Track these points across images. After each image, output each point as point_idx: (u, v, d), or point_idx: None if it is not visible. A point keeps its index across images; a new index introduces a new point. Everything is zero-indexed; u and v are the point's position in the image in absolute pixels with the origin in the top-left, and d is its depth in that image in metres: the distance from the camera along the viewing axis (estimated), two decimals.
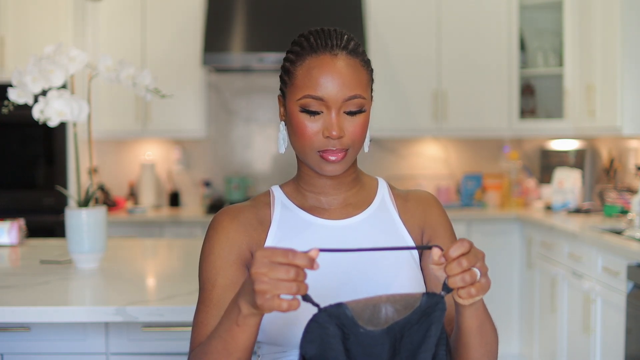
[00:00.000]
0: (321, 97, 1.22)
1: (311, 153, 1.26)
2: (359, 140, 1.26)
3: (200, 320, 1.26)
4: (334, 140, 1.23)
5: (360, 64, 1.26)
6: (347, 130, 1.24)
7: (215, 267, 1.27)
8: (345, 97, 1.22)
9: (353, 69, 1.24)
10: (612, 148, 4.39)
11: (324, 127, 1.23)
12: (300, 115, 1.24)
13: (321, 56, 1.24)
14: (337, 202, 1.33)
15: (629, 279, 2.96)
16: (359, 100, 1.24)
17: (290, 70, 1.26)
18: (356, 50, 1.26)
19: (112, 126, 4.57)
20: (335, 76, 1.22)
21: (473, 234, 4.39)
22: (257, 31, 4.45)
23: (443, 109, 4.64)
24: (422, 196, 1.38)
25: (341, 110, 1.23)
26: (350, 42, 1.27)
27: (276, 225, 1.30)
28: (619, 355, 3.01)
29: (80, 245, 2.41)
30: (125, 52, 4.44)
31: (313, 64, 1.24)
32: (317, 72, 1.23)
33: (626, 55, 3.69)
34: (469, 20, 4.63)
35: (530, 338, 4.23)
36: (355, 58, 1.25)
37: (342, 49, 1.25)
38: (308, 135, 1.24)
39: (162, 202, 4.89)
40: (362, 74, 1.25)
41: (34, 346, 2.03)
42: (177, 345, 2.04)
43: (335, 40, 1.25)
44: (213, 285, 1.26)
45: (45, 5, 4.21)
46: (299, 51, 1.26)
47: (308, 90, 1.23)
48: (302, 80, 1.24)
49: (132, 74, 2.44)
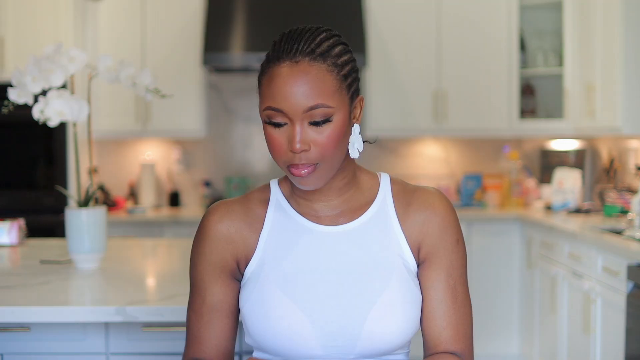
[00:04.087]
0: (281, 108, 1.15)
1: (282, 166, 1.20)
2: (330, 153, 1.17)
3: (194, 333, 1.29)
4: (298, 154, 1.16)
5: (328, 69, 1.16)
6: (314, 143, 1.16)
7: (203, 281, 1.28)
8: (304, 108, 1.15)
9: (314, 77, 1.15)
10: (612, 148, 4.39)
11: (288, 140, 1.17)
12: (268, 127, 1.19)
13: (282, 64, 1.16)
14: (329, 208, 1.27)
15: (629, 279, 2.96)
16: (323, 110, 1.15)
17: (259, 79, 1.21)
18: (325, 54, 1.17)
19: (112, 126, 4.57)
20: (293, 85, 1.15)
21: (473, 234, 4.39)
22: (257, 31, 4.45)
23: (443, 109, 4.64)
24: (428, 200, 1.28)
25: (304, 122, 1.16)
26: (323, 43, 1.18)
27: (269, 227, 1.28)
28: (619, 355, 3.00)
29: (80, 245, 2.41)
30: (125, 52, 4.44)
31: (274, 74, 1.17)
32: (275, 83, 1.16)
33: (626, 55, 3.69)
34: (469, 20, 4.63)
35: (530, 338, 4.23)
36: (321, 63, 1.16)
37: (305, 55, 1.16)
38: (276, 148, 1.18)
39: (162, 202, 4.89)
40: (328, 80, 1.16)
41: (34, 346, 2.03)
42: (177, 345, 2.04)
43: (302, 43, 1.17)
44: (203, 299, 1.28)
45: (45, 5, 4.21)
46: (267, 59, 1.20)
47: (269, 101, 1.17)
48: (265, 90, 1.18)
49: (132, 74, 2.44)
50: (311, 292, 1.22)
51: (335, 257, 1.25)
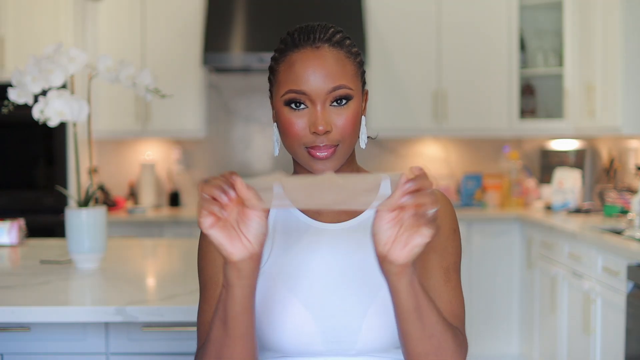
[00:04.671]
0: (303, 90, 1.19)
1: (299, 150, 1.22)
2: (350, 134, 1.22)
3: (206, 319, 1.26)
4: (321, 136, 1.19)
5: (345, 55, 1.23)
6: (335, 124, 1.20)
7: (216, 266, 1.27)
8: (328, 88, 1.19)
9: (335, 60, 1.21)
10: (612, 148, 4.39)
11: (310, 122, 1.20)
12: (285, 111, 1.21)
13: (302, 50, 1.21)
14: None
15: (629, 279, 2.96)
16: (344, 91, 1.20)
17: (275, 68, 1.25)
18: (341, 42, 1.23)
19: (112, 126, 4.57)
20: (316, 68, 1.19)
21: (473, 234, 4.39)
22: (257, 31, 4.45)
23: (443, 108, 4.64)
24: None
25: (326, 103, 1.20)
26: (336, 34, 1.24)
27: (271, 224, 1.29)
28: (619, 356, 3.00)
29: (80, 245, 2.41)
30: (125, 52, 4.44)
31: (294, 59, 1.21)
32: (298, 66, 1.20)
33: (626, 55, 3.69)
34: (469, 20, 4.63)
35: (530, 338, 4.23)
36: (339, 49, 1.22)
37: (324, 42, 1.22)
38: (295, 131, 1.21)
39: (162, 202, 4.89)
40: (347, 64, 1.22)
41: (34, 346, 2.03)
42: (177, 345, 2.04)
43: (318, 33, 1.23)
44: (216, 284, 1.26)
45: (45, 5, 4.21)
46: (282, 48, 1.24)
47: (290, 85, 1.20)
48: (284, 76, 1.22)
49: (132, 74, 2.44)
50: (313, 288, 1.23)
51: (337, 253, 1.26)
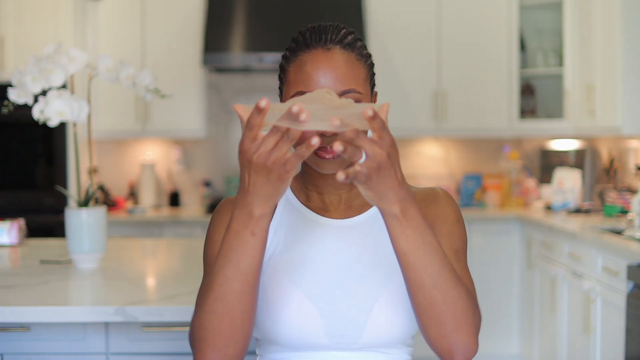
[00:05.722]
0: None
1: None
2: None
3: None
4: (328, 137, 1.18)
5: (356, 58, 1.22)
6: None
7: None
8: (337, 92, 1.19)
9: (346, 63, 1.21)
10: (612, 148, 4.39)
11: None
12: None
13: (313, 51, 1.22)
14: (339, 201, 1.31)
15: (629, 279, 2.96)
16: (354, 95, 1.20)
17: (285, 68, 1.25)
18: (352, 45, 1.23)
19: (112, 126, 4.57)
20: (327, 70, 1.19)
21: (473, 234, 4.39)
22: (257, 31, 4.45)
23: (443, 109, 4.64)
24: (428, 194, 1.32)
25: None
26: (348, 36, 1.24)
27: (278, 219, 1.30)
28: (619, 356, 3.00)
29: (80, 245, 2.41)
30: (125, 52, 4.44)
31: (305, 60, 1.21)
32: (308, 67, 1.20)
33: (626, 55, 3.69)
34: (469, 20, 4.63)
35: (530, 338, 4.23)
36: (350, 52, 1.22)
37: (336, 43, 1.22)
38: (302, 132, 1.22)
39: (162, 202, 4.89)
40: (358, 68, 1.22)
41: (34, 346, 2.03)
42: (177, 345, 2.04)
43: (330, 34, 1.23)
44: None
45: (45, 5, 4.21)
46: (293, 47, 1.25)
47: (300, 85, 1.20)
48: (294, 76, 1.22)
49: (132, 74, 2.44)
50: (319, 282, 1.23)
51: (344, 248, 1.27)
